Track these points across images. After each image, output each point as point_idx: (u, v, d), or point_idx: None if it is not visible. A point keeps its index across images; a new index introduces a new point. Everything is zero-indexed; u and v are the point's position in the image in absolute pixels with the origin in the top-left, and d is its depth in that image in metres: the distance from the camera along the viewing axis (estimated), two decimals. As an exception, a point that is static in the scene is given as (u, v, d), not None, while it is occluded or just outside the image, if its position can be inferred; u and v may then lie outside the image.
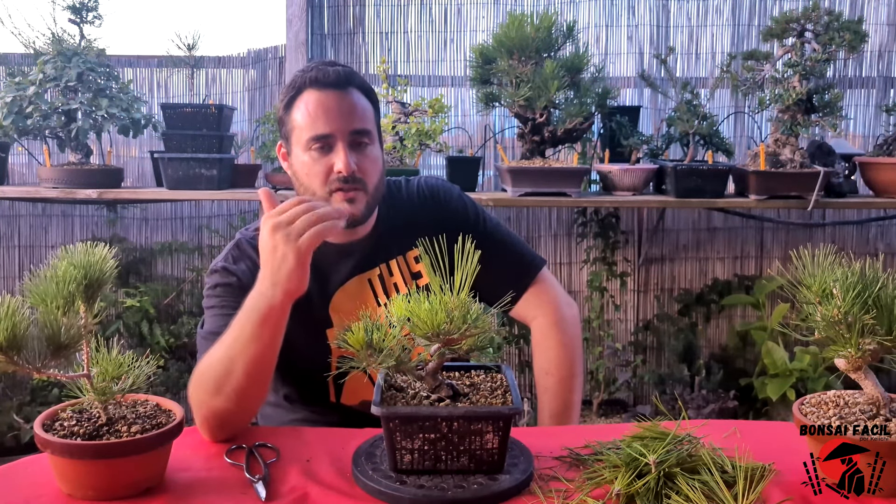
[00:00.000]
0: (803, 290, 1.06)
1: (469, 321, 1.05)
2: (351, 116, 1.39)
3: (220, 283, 1.43)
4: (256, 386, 1.25)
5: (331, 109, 1.37)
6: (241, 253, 1.46)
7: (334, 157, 1.37)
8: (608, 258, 3.32)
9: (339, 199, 1.38)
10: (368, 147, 1.41)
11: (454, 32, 3.37)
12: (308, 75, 1.40)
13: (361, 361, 1.07)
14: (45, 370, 1.03)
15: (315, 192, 1.39)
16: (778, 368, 2.92)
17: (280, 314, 1.21)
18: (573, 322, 1.60)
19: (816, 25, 2.66)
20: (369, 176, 1.40)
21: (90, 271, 1.04)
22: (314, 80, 1.39)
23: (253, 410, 1.31)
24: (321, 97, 1.38)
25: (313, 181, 1.39)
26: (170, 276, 3.39)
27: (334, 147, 1.37)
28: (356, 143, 1.39)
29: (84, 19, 2.79)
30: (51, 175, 2.77)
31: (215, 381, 1.23)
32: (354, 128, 1.39)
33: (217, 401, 1.23)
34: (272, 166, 2.98)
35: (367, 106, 1.44)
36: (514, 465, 1.13)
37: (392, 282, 1.52)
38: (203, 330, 1.42)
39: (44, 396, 3.01)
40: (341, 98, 1.39)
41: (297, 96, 1.40)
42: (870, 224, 3.42)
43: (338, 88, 1.39)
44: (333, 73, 1.39)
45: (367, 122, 1.42)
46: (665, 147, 2.98)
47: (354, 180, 1.38)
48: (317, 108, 1.38)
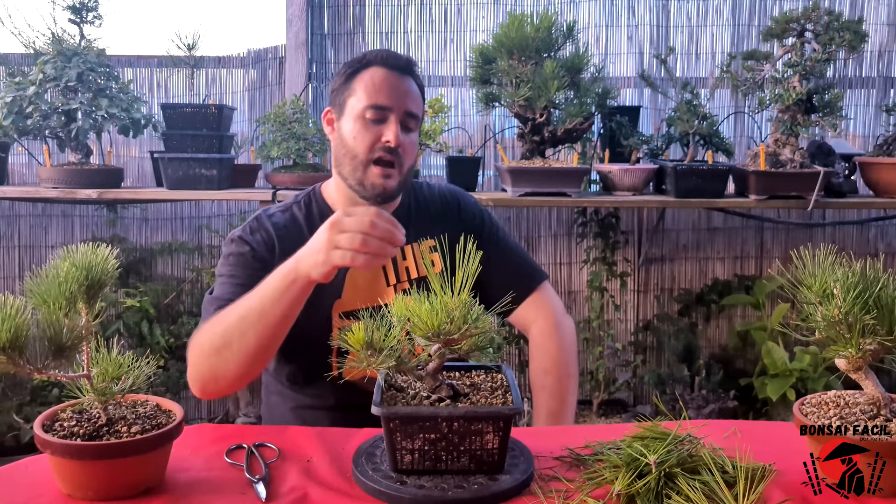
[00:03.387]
0: (803, 290, 1.06)
1: (469, 321, 1.05)
2: (408, 98, 1.52)
3: (234, 253, 1.51)
4: (262, 350, 1.32)
5: (394, 86, 1.50)
6: (259, 225, 1.55)
7: (385, 128, 1.48)
8: (608, 258, 3.32)
9: (376, 173, 1.48)
10: (412, 132, 1.54)
11: (454, 32, 3.37)
12: (379, 54, 1.53)
13: (361, 362, 1.07)
14: (45, 371, 1.03)
15: (356, 156, 1.49)
16: (778, 368, 2.92)
17: (299, 290, 1.28)
18: (571, 330, 1.68)
19: (816, 25, 2.66)
20: (408, 155, 1.52)
21: (92, 272, 1.04)
22: (384, 59, 1.52)
23: (249, 376, 1.38)
24: (387, 74, 1.50)
25: (359, 146, 1.48)
26: (170, 276, 3.39)
27: (387, 120, 1.49)
28: (406, 123, 1.51)
29: (84, 19, 2.79)
30: (51, 175, 2.77)
31: (224, 338, 1.31)
32: (409, 109, 1.51)
33: (219, 358, 1.31)
34: (272, 166, 2.98)
35: (420, 98, 1.58)
36: (514, 465, 1.13)
37: (404, 265, 1.59)
38: (211, 295, 1.49)
39: (44, 396, 3.00)
40: (403, 80, 1.52)
41: (363, 69, 1.51)
42: (870, 224, 3.42)
43: (402, 72, 1.52)
44: (403, 58, 1.54)
45: (418, 110, 1.55)
46: (665, 147, 2.98)
47: (396, 154, 1.49)
48: (382, 82, 1.49)
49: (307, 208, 1.59)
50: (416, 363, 1.11)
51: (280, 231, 1.54)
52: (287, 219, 1.57)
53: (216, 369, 1.34)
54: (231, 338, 1.30)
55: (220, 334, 1.32)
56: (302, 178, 2.78)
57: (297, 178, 2.79)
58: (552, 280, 3.42)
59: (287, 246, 1.49)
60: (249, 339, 1.29)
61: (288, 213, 1.58)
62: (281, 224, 1.55)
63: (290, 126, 2.82)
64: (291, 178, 2.79)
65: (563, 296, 3.43)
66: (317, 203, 1.60)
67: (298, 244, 1.36)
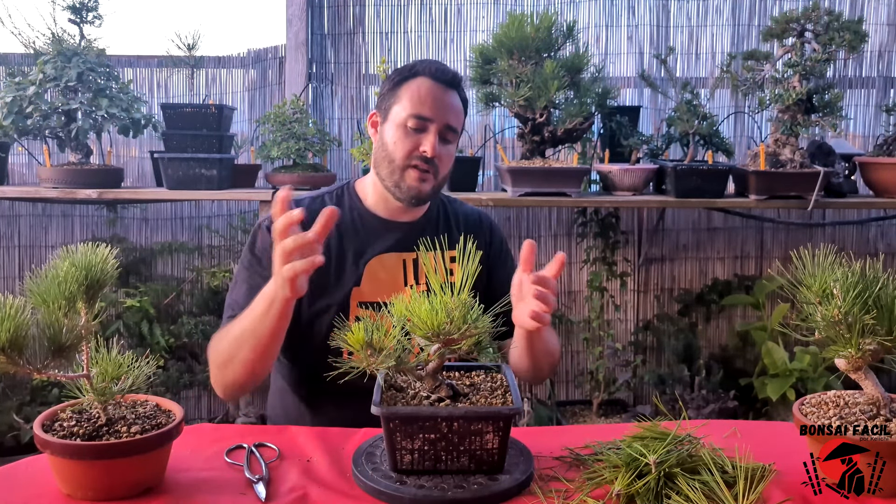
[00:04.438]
0: (803, 290, 1.06)
1: (469, 321, 1.05)
2: (450, 112, 1.58)
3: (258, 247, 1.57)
4: (260, 360, 1.43)
5: (437, 99, 1.56)
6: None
7: (424, 138, 1.55)
8: (608, 258, 3.31)
9: (413, 176, 1.55)
10: (450, 144, 1.61)
11: (454, 32, 3.37)
12: (429, 66, 1.59)
13: (361, 362, 1.07)
14: (45, 371, 1.03)
15: (394, 160, 1.56)
16: (778, 368, 2.92)
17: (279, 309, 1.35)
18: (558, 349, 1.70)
19: (816, 25, 2.66)
20: (444, 165, 1.59)
21: (91, 272, 1.05)
22: (433, 72, 1.58)
23: (259, 378, 1.49)
24: (433, 87, 1.57)
25: (398, 152, 1.55)
26: (170, 276, 3.39)
27: (427, 131, 1.55)
28: (444, 136, 1.57)
29: (84, 19, 2.79)
30: (51, 175, 2.77)
31: (228, 354, 1.44)
32: (449, 123, 1.57)
33: (228, 370, 1.45)
34: (272, 166, 2.98)
35: (462, 112, 1.63)
36: (514, 465, 1.13)
37: (424, 270, 1.61)
38: (229, 294, 1.60)
39: (44, 396, 3.00)
40: (448, 94, 1.58)
41: (411, 77, 1.58)
42: (870, 224, 3.42)
43: (448, 86, 1.58)
44: (450, 73, 1.60)
45: (459, 123, 1.61)
46: (665, 147, 2.98)
47: (432, 164, 1.56)
48: (428, 93, 1.56)
49: (338, 200, 1.66)
50: (416, 363, 1.12)
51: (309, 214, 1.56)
52: (318, 204, 1.62)
53: (227, 379, 1.48)
54: (233, 353, 1.43)
55: (224, 351, 1.46)
56: (302, 178, 2.78)
57: (297, 178, 2.79)
58: (552, 280, 3.42)
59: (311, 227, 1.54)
60: (247, 353, 1.41)
61: (319, 198, 1.66)
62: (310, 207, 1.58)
63: (290, 126, 2.82)
64: (291, 178, 2.79)
65: (563, 296, 3.43)
66: (349, 197, 1.66)
67: None
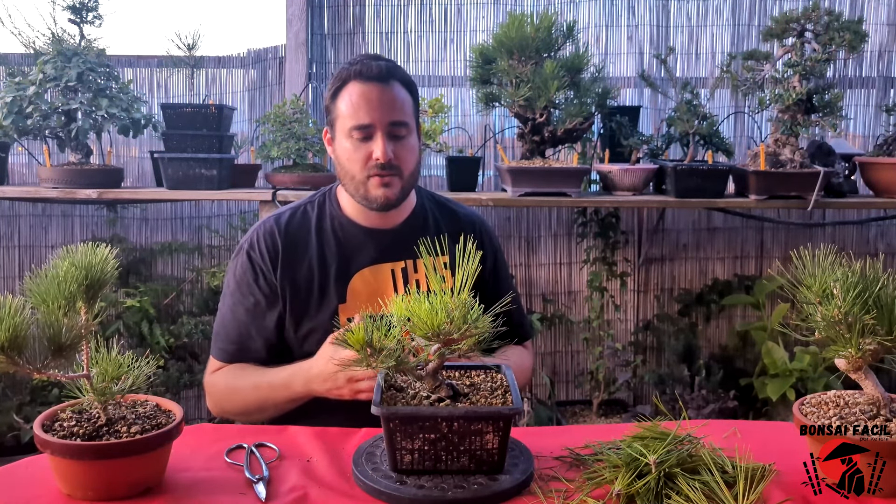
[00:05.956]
0: (803, 290, 1.06)
1: (469, 321, 1.05)
2: (390, 109, 1.49)
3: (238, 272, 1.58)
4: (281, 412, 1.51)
5: (372, 101, 1.48)
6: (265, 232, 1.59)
7: (373, 145, 1.49)
8: (608, 258, 3.31)
9: (375, 184, 1.50)
10: (405, 138, 1.52)
11: (454, 32, 3.37)
12: (353, 68, 1.50)
13: (361, 362, 1.07)
14: (45, 371, 1.03)
15: (354, 176, 1.51)
16: (778, 368, 2.92)
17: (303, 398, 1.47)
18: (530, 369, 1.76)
19: (816, 25, 2.66)
20: (405, 163, 1.52)
21: (91, 272, 1.04)
22: (358, 73, 1.49)
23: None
24: (364, 89, 1.49)
25: (353, 166, 1.51)
26: (170, 276, 3.38)
27: (374, 136, 1.49)
28: (394, 133, 1.50)
29: (84, 19, 2.79)
30: (51, 175, 2.77)
31: (245, 410, 1.53)
32: (393, 119, 1.50)
33: (246, 418, 1.53)
34: (272, 166, 2.98)
35: (407, 99, 1.54)
36: (514, 465, 1.13)
37: (415, 278, 1.61)
38: (217, 324, 1.60)
39: (44, 396, 3.00)
40: (383, 91, 1.49)
41: (342, 87, 1.51)
42: (870, 224, 3.42)
43: (380, 82, 1.49)
44: (376, 68, 1.50)
45: (405, 115, 1.52)
46: (665, 147, 2.98)
47: (391, 167, 1.50)
48: (359, 99, 1.49)
49: (320, 209, 1.63)
50: (416, 363, 1.11)
51: (289, 234, 1.58)
52: (298, 218, 1.61)
53: (231, 415, 1.57)
54: (250, 411, 1.52)
55: (240, 408, 1.54)
56: (302, 178, 2.78)
57: (297, 178, 2.79)
58: (552, 280, 3.43)
59: (292, 248, 1.56)
60: (268, 412, 1.51)
61: (300, 210, 1.63)
62: (290, 225, 1.60)
63: (290, 126, 2.81)
64: (291, 178, 2.79)
65: (563, 296, 3.43)
66: (330, 205, 1.63)
67: (305, 245, 1.54)
